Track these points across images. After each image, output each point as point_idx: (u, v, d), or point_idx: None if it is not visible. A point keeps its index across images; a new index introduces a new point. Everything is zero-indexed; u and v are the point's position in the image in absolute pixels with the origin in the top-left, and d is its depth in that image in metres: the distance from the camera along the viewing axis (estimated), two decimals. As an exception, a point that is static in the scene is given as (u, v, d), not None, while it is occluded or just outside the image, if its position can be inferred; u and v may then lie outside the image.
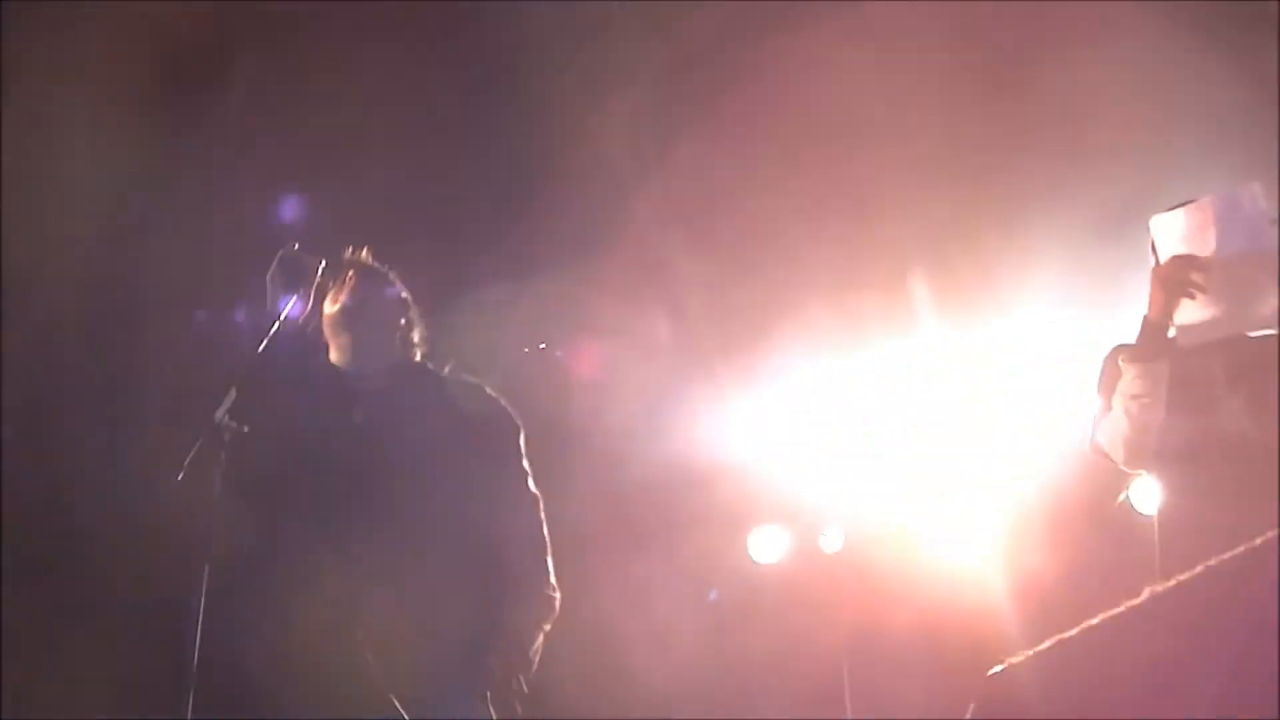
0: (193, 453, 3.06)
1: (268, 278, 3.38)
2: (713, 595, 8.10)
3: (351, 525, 3.34)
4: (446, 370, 3.69)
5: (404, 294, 3.70)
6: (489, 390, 3.64)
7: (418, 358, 3.69)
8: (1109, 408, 3.67)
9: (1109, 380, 3.71)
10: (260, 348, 3.32)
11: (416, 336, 3.70)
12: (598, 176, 6.17)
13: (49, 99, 5.35)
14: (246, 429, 3.10)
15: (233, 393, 3.11)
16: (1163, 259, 3.54)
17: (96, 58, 5.26)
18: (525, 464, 3.59)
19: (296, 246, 3.40)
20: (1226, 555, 1.91)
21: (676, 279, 6.76)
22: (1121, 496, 3.91)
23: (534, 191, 6.29)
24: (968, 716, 2.18)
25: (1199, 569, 1.92)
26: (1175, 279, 3.49)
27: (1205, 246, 3.48)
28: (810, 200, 6.50)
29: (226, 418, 3.09)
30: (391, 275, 3.69)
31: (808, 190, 6.47)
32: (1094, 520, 6.92)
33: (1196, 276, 3.46)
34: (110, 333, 5.87)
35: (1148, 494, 3.89)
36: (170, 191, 5.68)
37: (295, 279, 3.34)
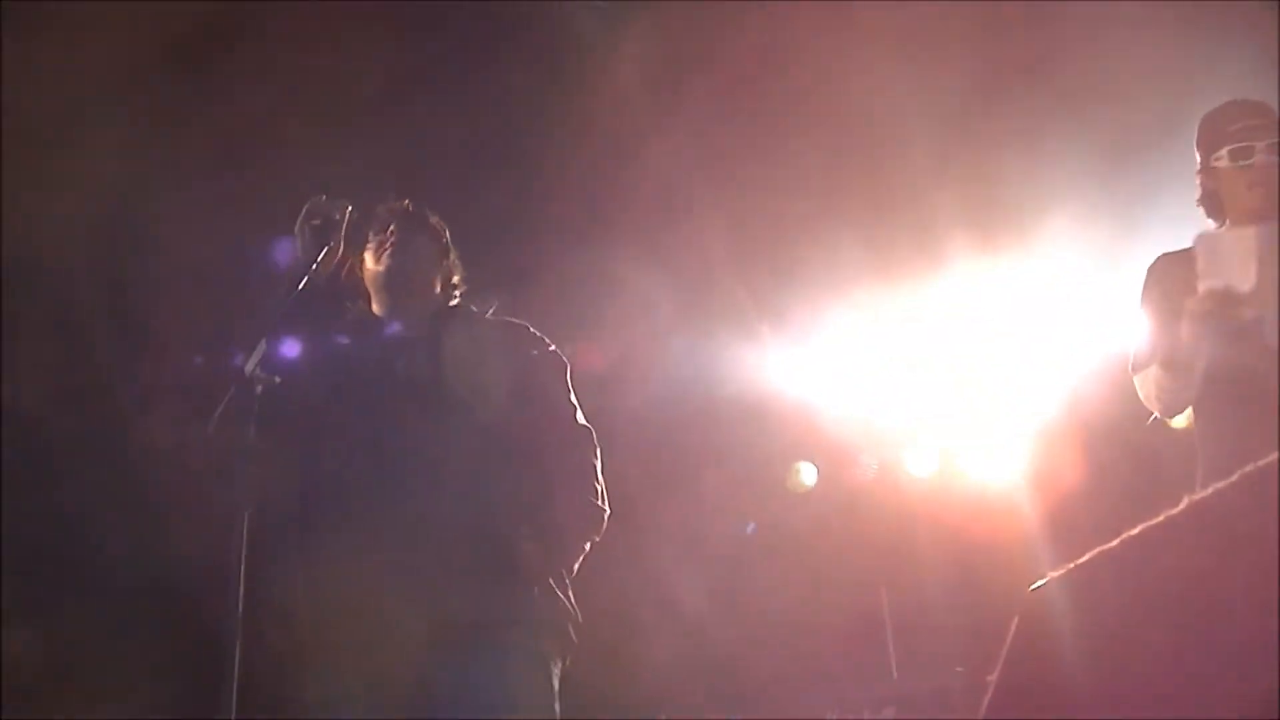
0: (223, 405, 3.07)
1: (296, 227, 3.36)
2: (750, 528, 8.16)
3: (398, 471, 3.31)
4: (490, 313, 3.66)
5: (445, 238, 3.67)
6: (533, 330, 3.62)
7: (456, 301, 3.66)
8: (1156, 333, 3.67)
9: (1155, 298, 3.73)
10: (290, 298, 3.31)
11: (457, 280, 3.67)
12: (617, 125, 6.16)
13: (48, 98, 5.33)
14: (278, 379, 3.09)
15: (262, 344, 3.10)
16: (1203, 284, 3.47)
17: (97, 57, 5.24)
18: (574, 399, 3.57)
19: (324, 195, 3.38)
20: (1264, 461, 1.90)
21: (699, 227, 6.75)
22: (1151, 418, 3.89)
23: (548, 141, 6.26)
24: (1011, 632, 2.19)
25: (1237, 475, 1.91)
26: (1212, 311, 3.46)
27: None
28: (835, 147, 6.49)
29: (258, 369, 3.08)
30: (433, 220, 3.65)
31: (833, 137, 6.46)
32: (1128, 438, 6.92)
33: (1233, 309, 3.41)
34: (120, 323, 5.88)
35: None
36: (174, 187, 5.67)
37: (324, 227, 3.32)
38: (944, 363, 7.88)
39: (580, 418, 3.55)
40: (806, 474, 8.13)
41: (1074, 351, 7.51)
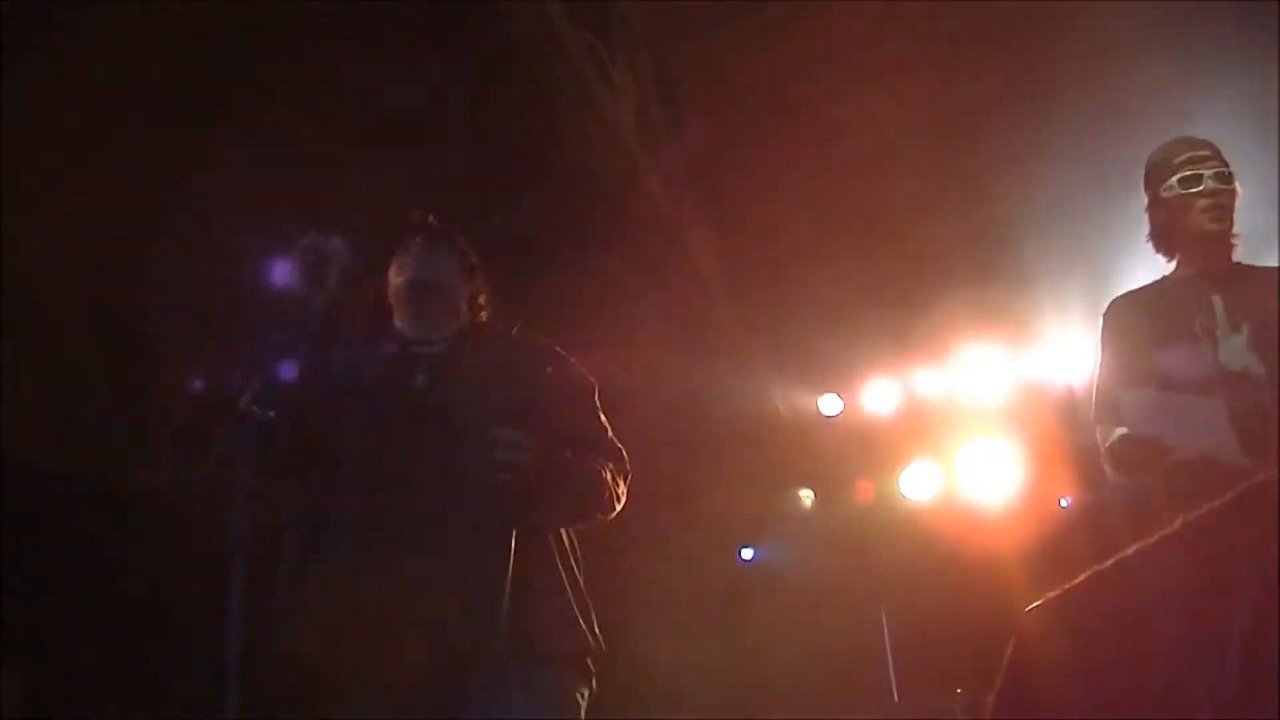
0: (217, 446, 3.05)
1: (289, 266, 3.33)
2: (749, 553, 8.19)
3: (406, 495, 3.25)
4: (515, 331, 3.61)
5: (472, 258, 3.62)
6: (558, 349, 3.57)
7: (483, 319, 3.62)
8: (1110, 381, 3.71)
9: (1111, 343, 3.78)
10: (285, 332, 3.30)
11: (483, 299, 3.63)
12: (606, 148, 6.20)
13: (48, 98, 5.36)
14: (273, 414, 3.06)
15: (257, 381, 3.08)
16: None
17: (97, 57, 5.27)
18: (603, 419, 3.51)
19: (313, 233, 3.34)
20: (1253, 481, 1.92)
21: (695, 249, 6.79)
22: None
23: (540, 168, 6.29)
24: (1009, 652, 2.22)
25: (1229, 496, 1.94)
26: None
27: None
28: (831, 169, 6.54)
29: (253, 406, 3.05)
30: (459, 240, 3.61)
31: (830, 159, 6.51)
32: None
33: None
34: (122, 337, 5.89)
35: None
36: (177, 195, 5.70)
37: (318, 263, 3.29)
38: (943, 385, 7.92)
39: (612, 437, 3.49)
40: (804, 499, 8.16)
41: (1070, 372, 7.58)
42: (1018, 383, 7.74)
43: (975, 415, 7.82)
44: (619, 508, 3.42)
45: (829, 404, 8.13)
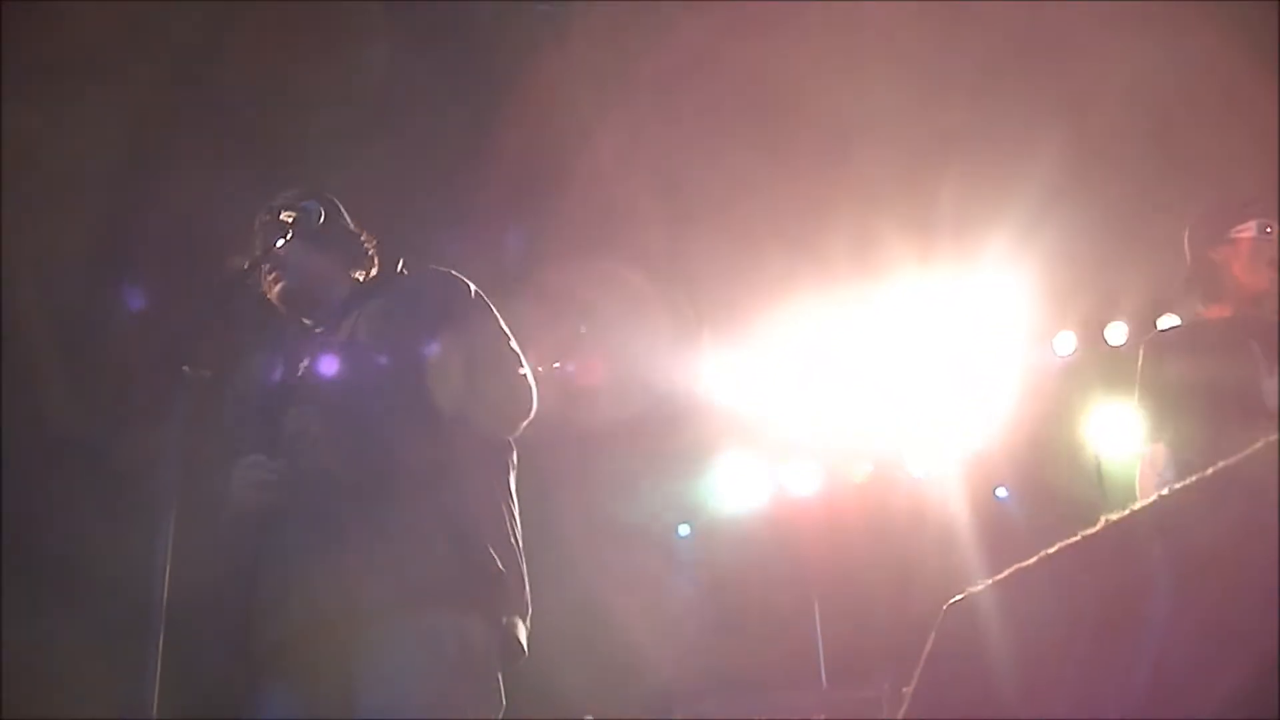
0: (175, 411, 3.02)
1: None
2: (684, 530, 8.18)
3: (319, 451, 3.22)
4: (399, 270, 3.54)
5: (324, 231, 3.48)
6: (436, 269, 3.49)
7: (366, 274, 3.56)
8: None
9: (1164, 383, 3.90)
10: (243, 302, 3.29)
11: (370, 252, 3.56)
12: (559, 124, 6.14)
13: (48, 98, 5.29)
14: (209, 374, 3.04)
15: (197, 343, 3.05)
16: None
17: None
18: (501, 324, 3.44)
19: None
20: (1181, 484, 1.92)
21: (639, 227, 6.74)
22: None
23: (488, 141, 6.23)
24: (928, 647, 2.20)
25: (1153, 498, 1.93)
26: None
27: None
28: (781, 151, 6.50)
29: (191, 369, 3.03)
30: (309, 217, 3.46)
31: (774, 141, 6.47)
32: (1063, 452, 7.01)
33: None
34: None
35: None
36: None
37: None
38: (882, 369, 7.92)
39: (514, 345, 3.41)
40: (744, 479, 8.15)
41: (1013, 361, 7.60)
42: (960, 369, 7.76)
43: (915, 399, 7.84)
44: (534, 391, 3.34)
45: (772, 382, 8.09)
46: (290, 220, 3.31)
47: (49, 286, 5.68)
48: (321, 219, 3.35)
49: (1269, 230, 3.84)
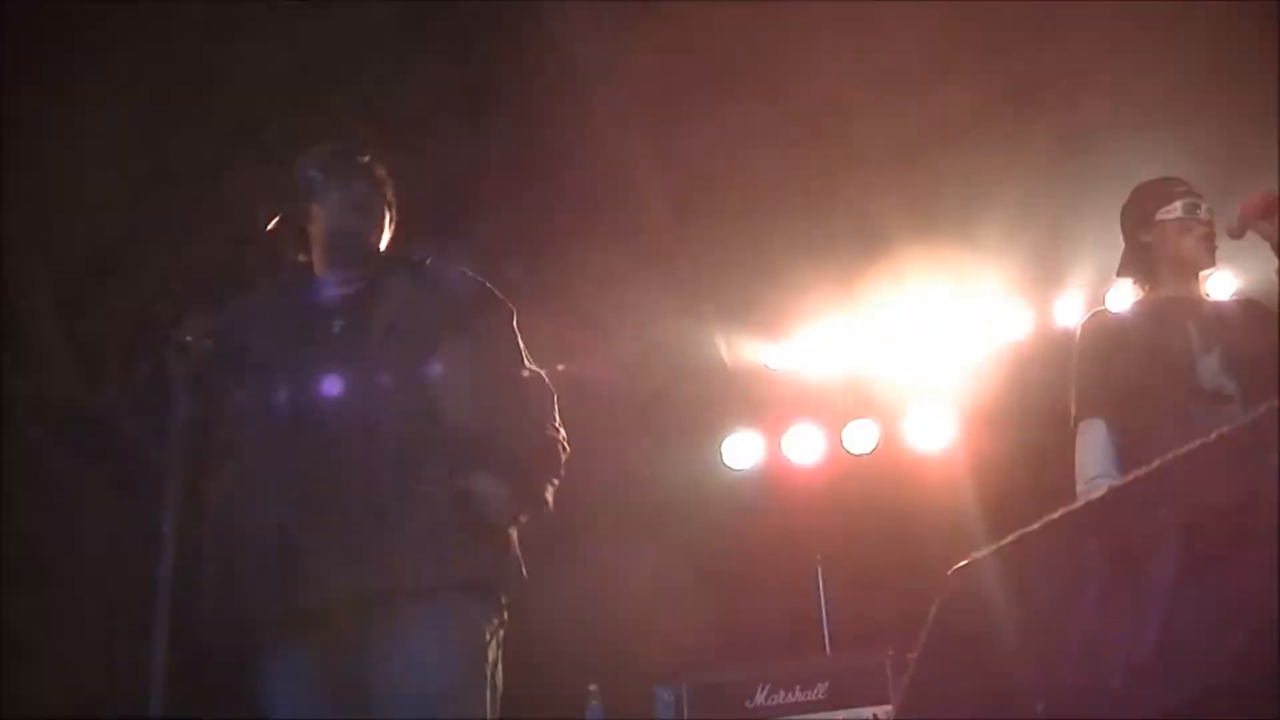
0: (147, 373, 3.02)
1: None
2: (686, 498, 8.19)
3: (333, 435, 3.21)
4: (429, 261, 3.54)
5: (391, 195, 3.49)
6: (472, 275, 3.50)
7: (395, 250, 3.54)
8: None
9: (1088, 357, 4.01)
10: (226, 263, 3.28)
11: (390, 227, 3.55)
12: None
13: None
14: (209, 343, 3.02)
15: (192, 314, 3.04)
16: None
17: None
18: (520, 344, 3.46)
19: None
20: (1183, 450, 1.92)
21: (641, 202, 6.73)
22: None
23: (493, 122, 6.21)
24: (933, 612, 2.22)
25: (1155, 464, 1.94)
26: None
27: None
28: (783, 127, 6.50)
29: (189, 337, 3.01)
30: (386, 180, 3.46)
31: (783, 117, 6.46)
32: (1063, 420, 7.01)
33: None
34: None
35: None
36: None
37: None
38: (885, 337, 7.93)
39: (528, 361, 3.45)
40: (742, 448, 8.15)
41: (1010, 329, 7.62)
42: (962, 336, 7.76)
43: (918, 369, 7.85)
44: (564, 450, 3.42)
45: (776, 352, 8.10)
46: (373, 164, 3.35)
47: (51, 260, 5.68)
48: (389, 181, 3.40)
49: (1196, 209, 3.92)
